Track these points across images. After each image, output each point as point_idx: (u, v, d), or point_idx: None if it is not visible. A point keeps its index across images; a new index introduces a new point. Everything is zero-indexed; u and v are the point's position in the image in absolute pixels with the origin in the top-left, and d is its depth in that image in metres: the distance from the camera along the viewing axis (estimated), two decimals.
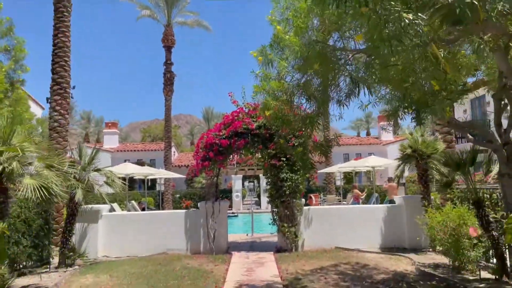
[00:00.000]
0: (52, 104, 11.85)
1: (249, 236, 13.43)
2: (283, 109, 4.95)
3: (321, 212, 11.06)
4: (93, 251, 10.33)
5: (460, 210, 7.70)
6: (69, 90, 12.11)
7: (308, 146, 5.24)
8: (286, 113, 4.98)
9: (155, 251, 10.51)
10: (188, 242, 10.68)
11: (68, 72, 12.07)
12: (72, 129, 63.30)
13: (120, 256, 10.43)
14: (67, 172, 8.55)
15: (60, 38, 12.04)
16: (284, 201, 10.30)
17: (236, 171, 25.19)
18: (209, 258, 9.62)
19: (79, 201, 8.92)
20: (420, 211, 10.04)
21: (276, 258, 9.36)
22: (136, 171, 17.50)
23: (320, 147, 5.08)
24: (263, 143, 10.46)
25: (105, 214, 10.83)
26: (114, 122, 36.08)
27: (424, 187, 9.99)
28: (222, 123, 10.85)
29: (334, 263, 8.72)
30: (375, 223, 10.69)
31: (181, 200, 27.12)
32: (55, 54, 12.03)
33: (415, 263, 8.42)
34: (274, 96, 4.84)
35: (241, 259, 9.51)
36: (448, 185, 7.45)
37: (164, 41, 27.39)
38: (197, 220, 10.65)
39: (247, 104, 10.85)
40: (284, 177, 10.20)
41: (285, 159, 10.22)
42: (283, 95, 4.88)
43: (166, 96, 26.86)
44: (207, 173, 10.99)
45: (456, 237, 7.51)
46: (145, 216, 11.68)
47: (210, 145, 10.52)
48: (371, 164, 17.53)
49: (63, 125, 11.77)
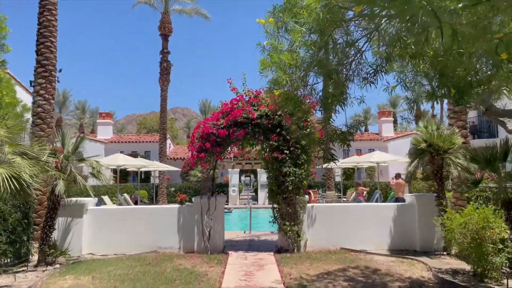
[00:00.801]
0: (36, 88, 10.93)
1: (246, 233, 12.60)
2: (296, 86, 4.10)
3: (325, 209, 10.24)
4: (77, 248, 9.47)
5: (485, 211, 6.92)
6: (55, 73, 11.17)
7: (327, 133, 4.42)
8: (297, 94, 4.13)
9: (145, 249, 9.67)
10: (181, 240, 9.84)
11: (54, 53, 11.14)
12: (66, 119, 62.22)
13: (107, 254, 9.58)
14: (46, 161, 7.68)
15: (46, 16, 11.09)
16: (287, 197, 9.46)
17: (233, 164, 24.39)
18: (204, 258, 8.79)
19: (59, 193, 8.05)
20: (433, 211, 9.26)
21: (277, 260, 8.54)
22: (128, 162, 16.59)
23: (340, 135, 4.25)
24: (265, 134, 9.60)
25: (91, 208, 9.95)
26: (109, 113, 35.05)
27: (438, 184, 9.16)
28: (220, 112, 9.97)
29: (341, 266, 7.90)
30: (384, 222, 9.88)
31: (175, 193, 26.29)
32: (40, 33, 11.08)
33: (431, 268, 7.62)
34: (286, 72, 3.98)
35: (238, 260, 8.68)
36: (476, 184, 6.63)
37: (160, 29, 26.46)
38: (191, 217, 9.80)
39: (247, 91, 9.98)
40: (287, 172, 9.35)
41: (288, 151, 9.37)
42: (296, 71, 4.03)
43: (162, 86, 25.96)
44: (202, 166, 10.12)
45: (479, 241, 6.75)
46: (134, 211, 10.81)
47: (206, 135, 9.64)
48: (375, 159, 16.71)
49: (47, 111, 10.85)
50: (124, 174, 28.14)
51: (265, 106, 9.58)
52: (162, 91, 25.91)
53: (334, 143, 4.33)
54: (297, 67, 3.98)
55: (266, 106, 9.56)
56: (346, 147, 4.38)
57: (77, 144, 8.84)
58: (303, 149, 9.49)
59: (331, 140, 4.27)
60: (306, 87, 4.16)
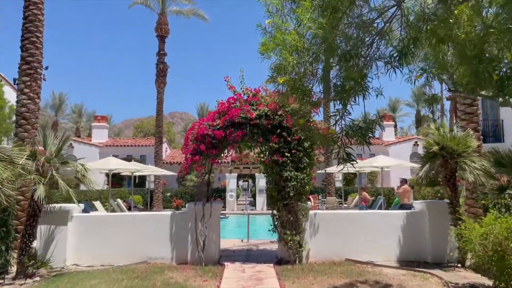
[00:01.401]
0: (20, 86, 10.24)
1: (244, 242, 11.86)
2: (304, 73, 3.41)
3: (329, 217, 9.52)
4: (61, 258, 8.73)
5: (508, 220, 6.25)
6: (41, 71, 10.50)
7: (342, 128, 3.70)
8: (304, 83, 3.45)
9: (134, 259, 8.94)
10: (174, 249, 9.11)
11: (40, 49, 10.47)
12: (63, 123, 61.31)
13: (93, 265, 8.84)
14: (24, 165, 6.97)
15: (31, 10, 10.44)
16: (288, 204, 8.76)
17: (231, 169, 23.75)
18: (198, 271, 8.06)
19: (39, 199, 7.33)
20: (446, 220, 8.59)
21: (277, 273, 7.82)
22: (121, 166, 15.82)
23: (358, 131, 3.55)
24: (264, 136, 8.90)
25: (77, 215, 9.22)
26: (104, 116, 34.33)
27: (452, 190, 8.47)
28: (216, 112, 9.28)
29: (348, 281, 7.19)
30: (392, 231, 9.18)
31: (171, 199, 25.54)
32: (25, 28, 10.44)
33: (447, 283, 6.91)
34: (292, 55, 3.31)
35: (235, 273, 7.96)
36: (502, 190, 5.94)
37: (157, 30, 25.92)
38: (184, 224, 9.08)
39: (245, 89, 9.30)
40: (288, 176, 8.66)
41: (289, 154, 8.69)
42: (304, 55, 3.35)
43: (159, 88, 25.36)
44: (197, 170, 9.40)
45: (502, 253, 6.08)
46: (124, 219, 10.06)
47: (201, 136, 8.95)
48: (379, 164, 16.00)
49: (32, 111, 10.16)
50: (119, 179, 27.40)
51: (264, 105, 8.91)
52: (158, 94, 25.31)
53: (351, 139, 3.63)
54: (305, 50, 3.30)
55: (265, 105, 8.89)
56: (366, 145, 3.68)
57: (60, 146, 8.13)
58: (305, 152, 8.82)
59: (348, 136, 3.56)
60: (315, 74, 3.48)
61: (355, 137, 3.57)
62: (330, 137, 3.58)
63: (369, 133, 3.61)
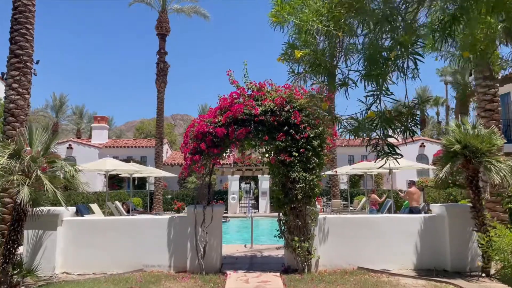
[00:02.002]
0: (9, 81, 9.57)
1: (247, 247, 11.14)
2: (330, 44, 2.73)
3: (339, 222, 8.81)
4: (50, 266, 8.06)
5: None
6: (31, 65, 9.83)
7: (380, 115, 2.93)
8: None
9: (129, 267, 8.26)
10: (172, 257, 8.42)
11: (30, 42, 9.81)
12: (63, 124, 60.68)
13: (85, 273, 8.17)
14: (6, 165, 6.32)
15: (21, 0, 9.79)
16: (295, 207, 8.06)
17: (233, 171, 23.02)
18: (197, 280, 7.38)
19: (23, 201, 6.66)
20: (467, 225, 7.91)
21: (284, 283, 7.11)
22: (118, 167, 15.14)
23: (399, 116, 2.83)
24: (270, 133, 8.22)
25: (67, 219, 8.54)
26: (104, 117, 33.74)
27: (474, 193, 7.77)
28: (218, 108, 8.60)
29: None
30: (408, 237, 8.46)
31: (172, 201, 24.85)
32: (14, 20, 9.76)
33: None
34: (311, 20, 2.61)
35: (238, 282, 7.25)
36: None
37: (157, 29, 25.36)
38: (183, 229, 8.40)
39: (249, 83, 8.63)
40: (295, 177, 7.96)
41: (297, 154, 7.99)
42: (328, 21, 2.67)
43: (159, 88, 24.75)
44: (197, 170, 8.72)
45: None
46: (118, 223, 9.36)
47: (202, 134, 8.28)
48: (388, 165, 15.26)
49: (21, 107, 9.49)
50: (118, 181, 26.78)
51: (270, 100, 8.22)
52: (158, 93, 24.72)
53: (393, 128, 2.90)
54: (329, 14, 2.61)
55: (271, 100, 8.20)
56: (410, 136, 2.98)
57: (48, 144, 7.47)
58: (314, 151, 8.13)
59: (389, 124, 2.83)
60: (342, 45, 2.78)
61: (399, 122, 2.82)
62: (368, 124, 2.84)
63: (412, 119, 2.90)
